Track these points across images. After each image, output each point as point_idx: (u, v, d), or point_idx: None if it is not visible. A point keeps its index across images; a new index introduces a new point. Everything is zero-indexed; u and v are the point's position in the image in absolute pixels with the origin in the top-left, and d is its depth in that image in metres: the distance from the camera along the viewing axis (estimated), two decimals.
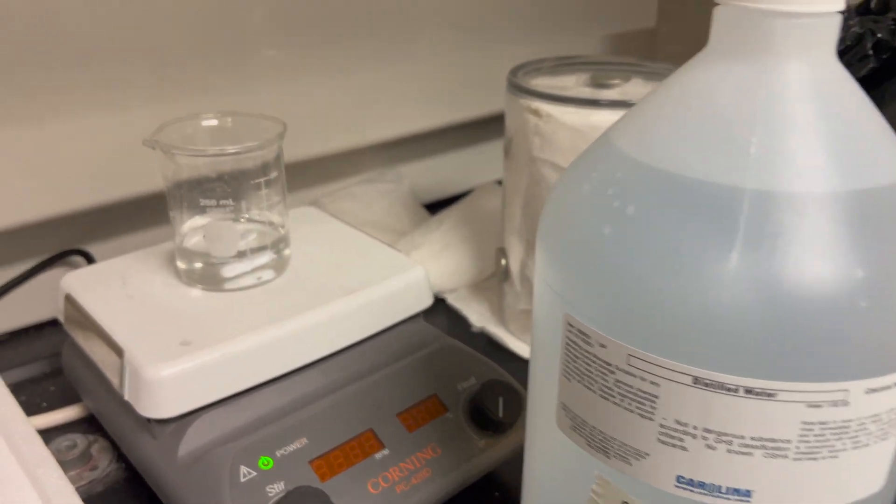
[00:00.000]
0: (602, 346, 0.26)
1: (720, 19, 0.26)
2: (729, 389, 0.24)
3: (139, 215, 0.63)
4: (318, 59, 0.68)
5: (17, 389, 0.54)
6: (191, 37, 0.59)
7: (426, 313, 0.51)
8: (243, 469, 0.38)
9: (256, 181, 0.45)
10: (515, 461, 0.38)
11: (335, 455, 0.40)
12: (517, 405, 0.44)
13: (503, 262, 0.62)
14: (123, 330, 0.42)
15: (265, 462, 0.39)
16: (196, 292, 0.47)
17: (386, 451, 0.41)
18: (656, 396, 0.25)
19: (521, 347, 0.60)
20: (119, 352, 0.41)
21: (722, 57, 0.26)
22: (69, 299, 0.47)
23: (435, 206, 0.81)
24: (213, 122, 0.47)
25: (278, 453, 0.39)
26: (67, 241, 0.60)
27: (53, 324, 0.62)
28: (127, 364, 0.40)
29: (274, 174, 0.46)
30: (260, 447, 0.39)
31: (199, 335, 0.42)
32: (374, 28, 0.71)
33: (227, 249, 0.45)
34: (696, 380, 0.24)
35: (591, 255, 0.27)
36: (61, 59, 0.54)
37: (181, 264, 0.47)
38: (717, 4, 0.26)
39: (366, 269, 0.49)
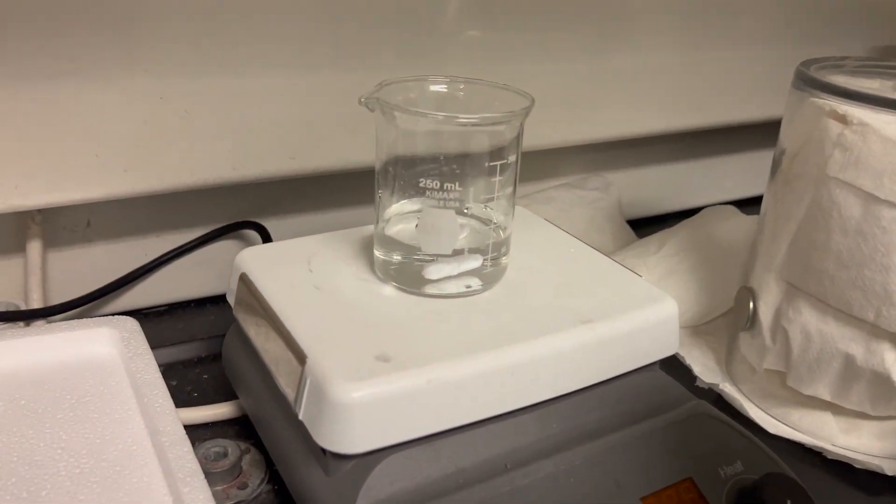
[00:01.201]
0: None
1: None
2: None
3: (323, 194, 0.55)
4: (527, 42, 0.58)
5: (167, 371, 0.48)
6: (386, 9, 0.51)
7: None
8: None
9: (490, 164, 0.35)
10: None
11: None
12: None
13: (751, 305, 0.49)
14: (308, 329, 0.34)
15: None
16: (390, 291, 0.38)
17: None
18: None
19: (763, 418, 0.47)
20: (301, 357, 0.32)
21: None
22: (244, 280, 0.39)
23: (637, 224, 0.69)
24: (442, 88, 0.38)
25: None
26: (242, 212, 0.54)
27: (216, 301, 0.55)
28: (309, 374, 0.32)
29: (511, 157, 0.36)
30: None
31: (398, 350, 0.32)
32: (596, 11, 0.59)
33: (442, 246, 0.35)
34: None
35: None
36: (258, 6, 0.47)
37: (378, 253, 0.38)
38: None
39: (600, 295, 0.38)
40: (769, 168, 0.48)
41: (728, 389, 0.49)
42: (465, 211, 0.37)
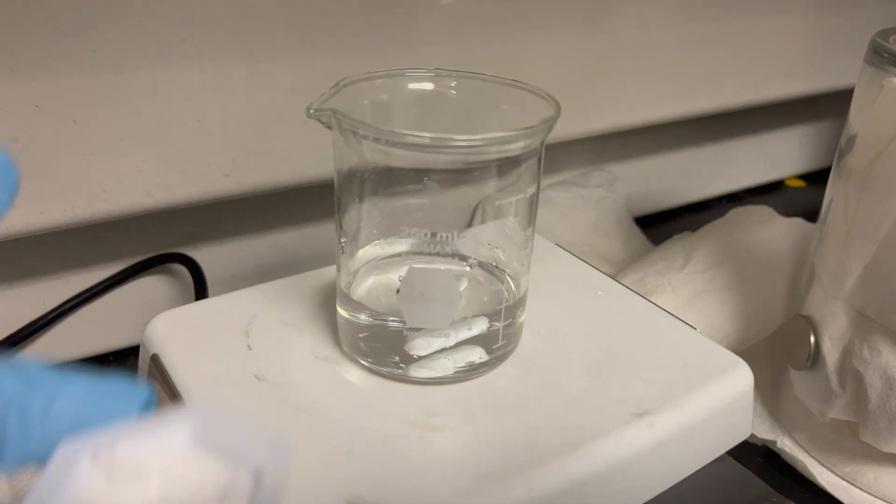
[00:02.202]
0: None
1: None
2: None
3: (271, 210, 0.44)
4: (512, 13, 0.47)
5: None
6: None
7: None
8: None
9: (503, 201, 0.24)
10: None
11: None
12: None
13: (811, 339, 0.39)
14: None
15: None
16: (360, 376, 0.27)
17: None
18: None
19: (831, 481, 0.38)
20: None
21: None
22: (157, 365, 0.28)
23: (645, 223, 0.60)
24: (426, 86, 0.27)
25: None
26: (166, 240, 0.42)
27: (137, 352, 0.44)
28: None
29: (530, 190, 0.25)
30: None
31: (376, 485, 0.22)
32: None
33: (434, 318, 0.25)
34: None
35: None
36: None
37: (342, 315, 0.28)
38: None
39: (650, 364, 0.28)
40: (786, 151, 0.38)
41: (787, 447, 0.40)
42: (468, 262, 0.26)
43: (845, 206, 0.37)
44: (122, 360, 0.44)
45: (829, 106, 0.66)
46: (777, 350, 0.45)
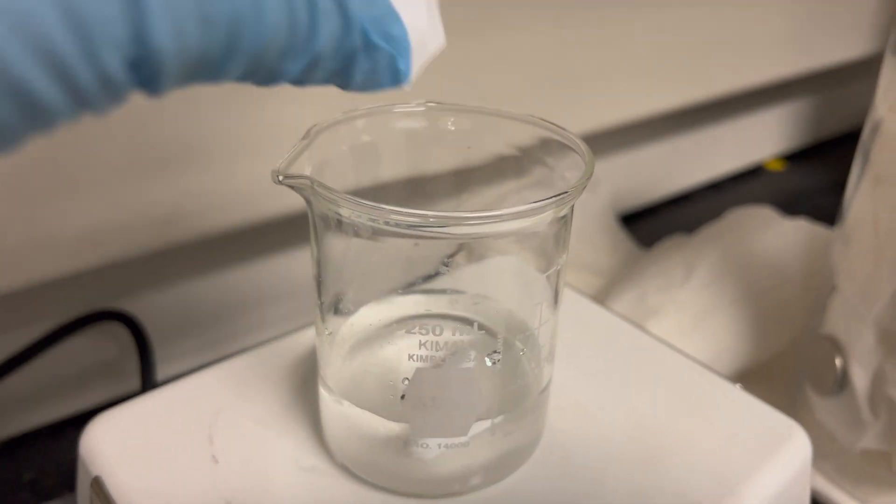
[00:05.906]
0: None
1: None
2: None
3: (227, 247, 0.38)
4: (485, 9, 0.41)
5: None
6: None
7: None
8: None
9: (520, 285, 0.19)
10: None
11: None
12: None
13: (837, 362, 0.36)
14: None
15: None
16: (353, 489, 0.22)
17: None
18: None
19: None
20: None
21: None
22: (101, 490, 0.22)
23: (628, 222, 0.55)
24: (418, 124, 0.22)
25: None
26: (99, 294, 0.36)
27: (76, 423, 0.38)
28: None
29: (560, 260, 0.20)
30: None
31: None
32: None
33: (449, 427, 0.20)
34: None
35: None
36: None
37: (327, 417, 0.22)
38: None
39: (694, 436, 0.24)
40: (764, 133, 0.35)
41: (818, 482, 0.36)
42: (492, 355, 0.21)
43: (875, 217, 0.33)
44: (55, 435, 0.37)
45: (804, 84, 0.63)
46: (794, 368, 0.42)
